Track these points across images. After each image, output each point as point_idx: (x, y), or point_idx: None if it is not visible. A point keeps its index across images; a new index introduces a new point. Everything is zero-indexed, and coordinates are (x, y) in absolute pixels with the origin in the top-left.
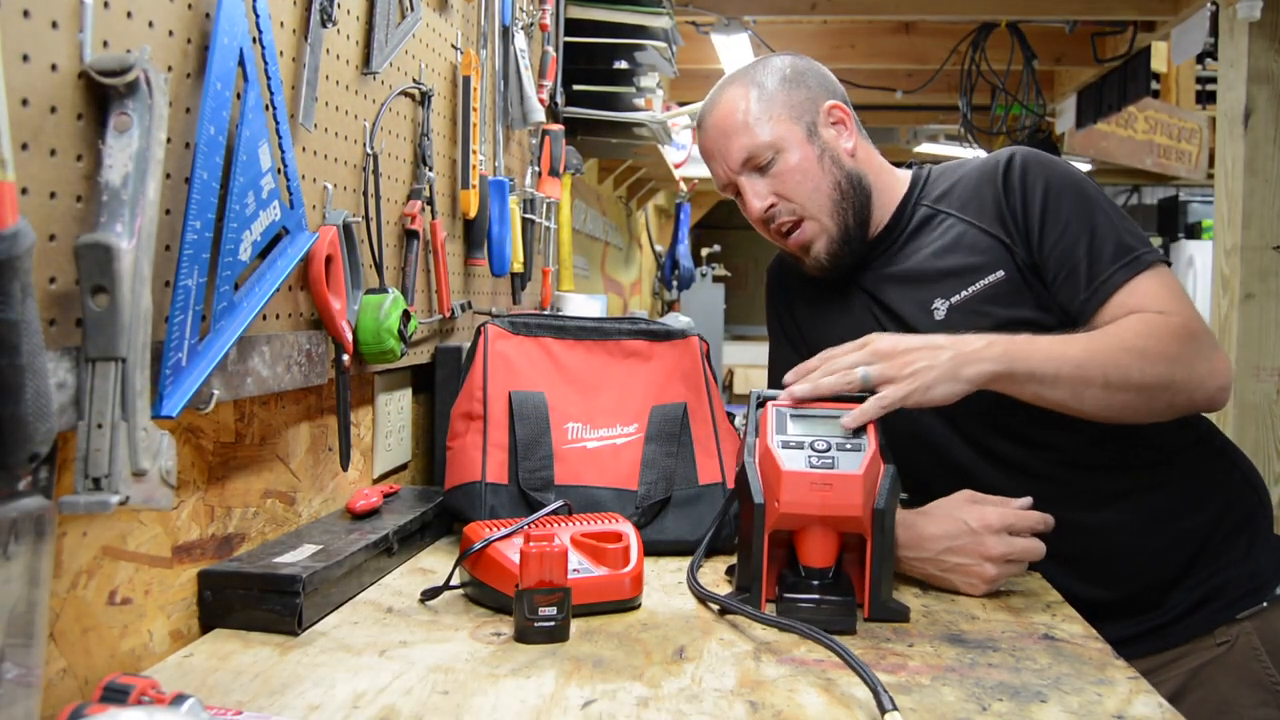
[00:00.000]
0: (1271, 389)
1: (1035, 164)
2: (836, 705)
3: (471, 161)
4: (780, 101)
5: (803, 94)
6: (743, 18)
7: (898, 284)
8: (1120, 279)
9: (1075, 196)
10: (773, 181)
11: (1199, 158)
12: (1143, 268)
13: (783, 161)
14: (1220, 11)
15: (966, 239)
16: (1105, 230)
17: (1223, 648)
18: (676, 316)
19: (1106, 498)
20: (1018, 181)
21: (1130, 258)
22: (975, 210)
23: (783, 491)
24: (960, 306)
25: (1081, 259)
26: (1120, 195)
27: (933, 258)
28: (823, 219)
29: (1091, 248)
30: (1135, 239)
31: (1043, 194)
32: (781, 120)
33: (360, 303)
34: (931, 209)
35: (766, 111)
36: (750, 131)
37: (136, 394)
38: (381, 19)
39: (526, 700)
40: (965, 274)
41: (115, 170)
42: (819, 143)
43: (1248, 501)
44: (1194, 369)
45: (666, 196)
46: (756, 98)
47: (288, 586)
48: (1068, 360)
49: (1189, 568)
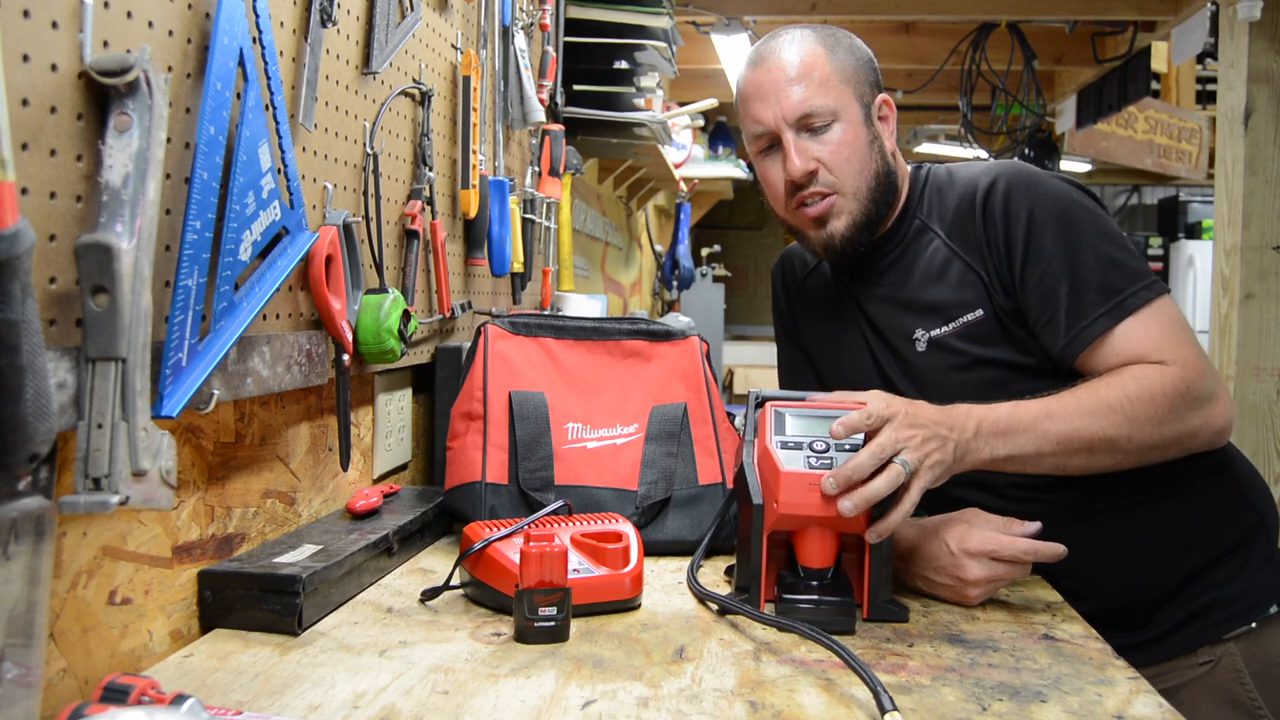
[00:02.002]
0: (1271, 389)
1: (1020, 191)
2: (836, 705)
3: (471, 161)
4: (849, 73)
5: (866, 75)
6: (743, 18)
7: (887, 307)
8: (1102, 327)
9: (1059, 229)
10: (821, 147)
11: (1199, 158)
12: (1128, 312)
13: (839, 131)
14: (1220, 11)
15: (950, 271)
16: (1090, 268)
17: (1204, 667)
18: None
19: (1090, 514)
20: (999, 214)
21: (1114, 302)
22: (960, 239)
23: (781, 492)
24: (938, 341)
25: (1062, 302)
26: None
27: (917, 286)
28: (853, 202)
29: (1073, 290)
30: (1123, 275)
31: (1025, 229)
32: (845, 91)
33: (360, 303)
34: (924, 224)
35: (836, 76)
36: (816, 88)
37: (136, 394)
38: (381, 19)
39: (526, 700)
40: (945, 308)
41: (115, 170)
42: (872, 128)
43: (1246, 520)
44: (1187, 423)
45: (666, 196)
46: (829, 58)
47: (288, 586)
48: (1049, 438)
49: (1177, 586)
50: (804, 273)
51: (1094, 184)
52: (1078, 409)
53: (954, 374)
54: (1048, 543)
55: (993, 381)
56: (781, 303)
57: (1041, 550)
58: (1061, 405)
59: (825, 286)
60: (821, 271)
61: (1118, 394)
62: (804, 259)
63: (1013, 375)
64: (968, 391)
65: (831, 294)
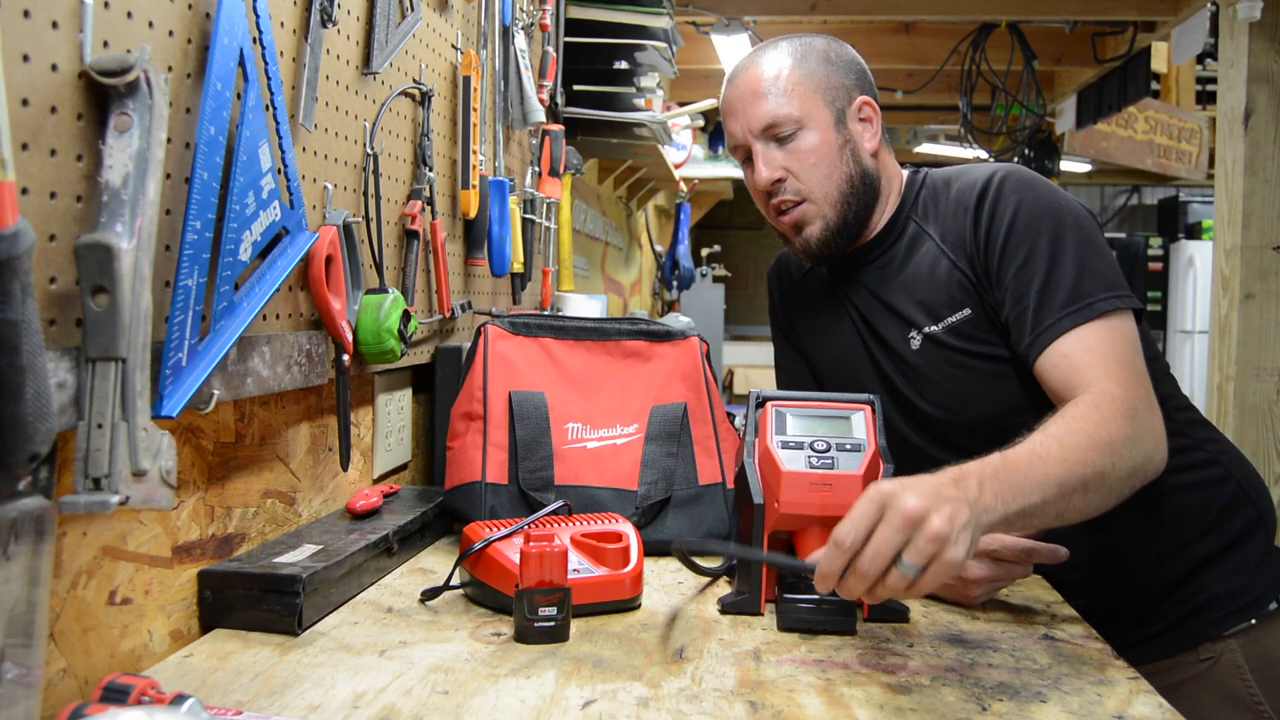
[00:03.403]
0: (1271, 389)
1: (1010, 191)
2: (836, 705)
3: (471, 161)
4: (817, 81)
5: (840, 80)
6: (743, 18)
7: (880, 306)
8: (1064, 326)
9: (1042, 232)
10: (787, 156)
11: (1199, 158)
12: (1092, 316)
13: (803, 139)
14: (1220, 11)
15: (940, 270)
16: (1064, 271)
17: (1205, 664)
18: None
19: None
20: (987, 214)
21: (1080, 305)
22: (952, 240)
23: (782, 492)
24: (932, 338)
25: (1031, 301)
26: (1120, 195)
27: (908, 286)
28: (825, 207)
29: (1044, 290)
30: (1097, 282)
31: (1007, 228)
32: (813, 99)
33: (360, 303)
34: (919, 226)
35: (801, 85)
36: (780, 99)
37: (136, 394)
38: (381, 19)
39: (526, 700)
40: (937, 307)
41: (115, 170)
42: (844, 132)
43: (1244, 517)
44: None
45: (666, 196)
46: (794, 68)
47: (288, 586)
48: (1049, 483)
49: (1177, 582)
50: (799, 275)
51: (1094, 184)
52: (1060, 447)
53: (950, 369)
54: (1048, 544)
55: (991, 374)
56: (778, 306)
57: (1042, 550)
58: (1045, 447)
59: (820, 288)
60: (816, 273)
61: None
62: (798, 262)
63: (1009, 369)
64: (965, 385)
65: (827, 295)
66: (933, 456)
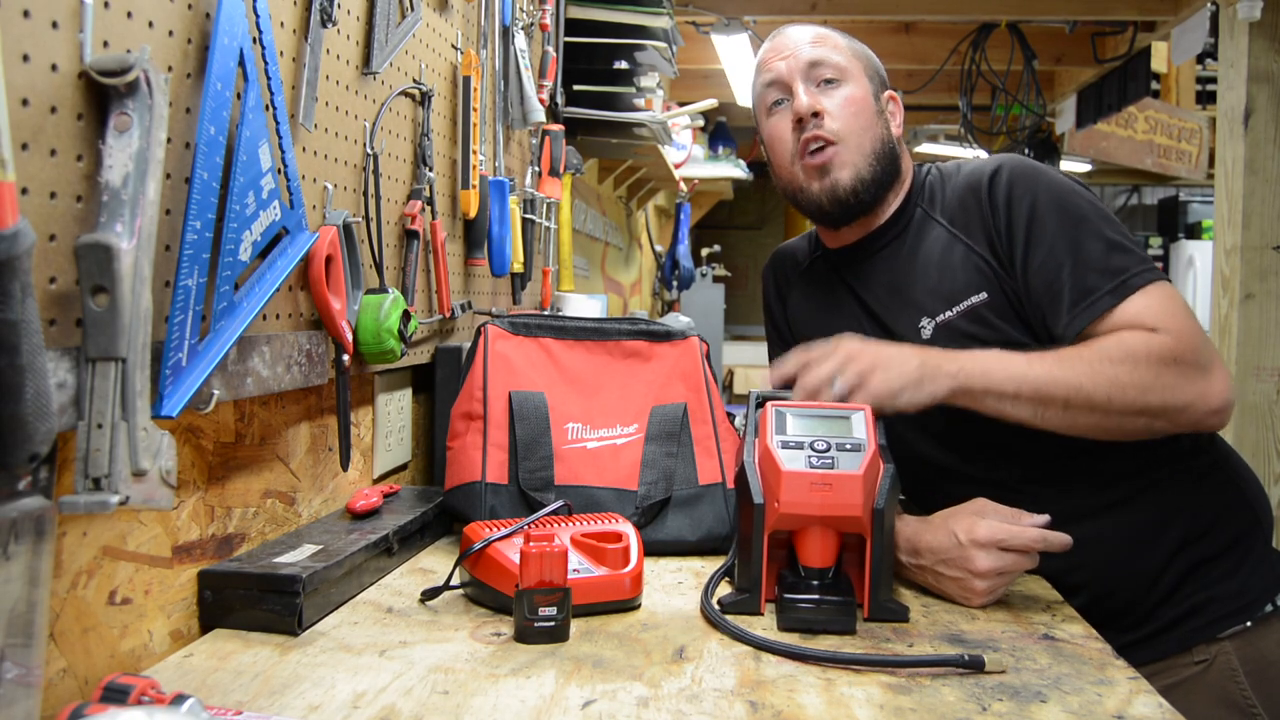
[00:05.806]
0: (1271, 389)
1: (1022, 178)
2: (836, 705)
3: (471, 161)
4: (864, 59)
5: (875, 66)
6: (743, 18)
7: (887, 295)
8: (1105, 304)
9: (1062, 214)
10: (829, 99)
11: (1199, 158)
12: (1130, 291)
13: (846, 89)
14: (1220, 11)
15: (953, 255)
16: (1092, 251)
17: (1199, 666)
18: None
19: (1081, 513)
20: (1003, 198)
21: (1118, 281)
22: (963, 225)
23: (782, 492)
24: (945, 326)
25: (1065, 283)
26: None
27: (920, 272)
28: (857, 156)
29: (1075, 271)
30: (1126, 258)
31: (1028, 213)
32: (857, 64)
33: (360, 303)
34: (926, 214)
35: (848, 50)
36: (829, 50)
37: (136, 394)
38: (381, 19)
39: (526, 700)
40: (951, 293)
41: (115, 170)
42: (880, 104)
43: (1241, 519)
44: (1176, 394)
45: (666, 196)
46: (845, 40)
47: (288, 586)
48: (1028, 380)
49: (1173, 584)
50: (797, 270)
51: (1094, 184)
52: (1057, 361)
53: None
54: (1056, 533)
55: None
56: (774, 302)
57: (1050, 540)
58: (1045, 356)
59: (820, 282)
60: (816, 267)
61: (1098, 354)
62: (795, 257)
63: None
64: None
65: (827, 289)
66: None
